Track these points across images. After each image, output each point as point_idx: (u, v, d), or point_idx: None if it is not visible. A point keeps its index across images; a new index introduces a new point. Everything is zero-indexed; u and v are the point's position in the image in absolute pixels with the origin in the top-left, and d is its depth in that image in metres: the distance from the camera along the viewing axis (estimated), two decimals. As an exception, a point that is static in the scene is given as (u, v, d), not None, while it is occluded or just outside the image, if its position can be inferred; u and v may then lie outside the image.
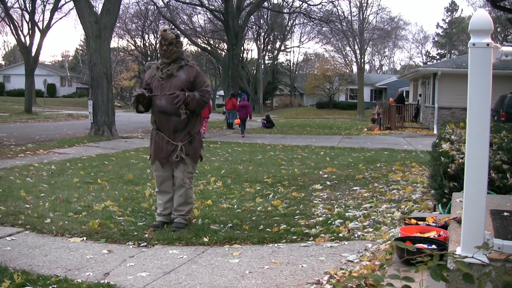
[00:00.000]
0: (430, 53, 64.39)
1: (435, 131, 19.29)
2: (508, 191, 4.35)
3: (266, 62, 55.60)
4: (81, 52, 60.14)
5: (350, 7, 50.31)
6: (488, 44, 2.41)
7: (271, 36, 52.43)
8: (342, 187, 7.34)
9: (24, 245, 4.37)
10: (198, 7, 37.49)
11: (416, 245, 3.00)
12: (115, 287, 3.40)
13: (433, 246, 3.00)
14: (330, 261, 3.93)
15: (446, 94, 20.37)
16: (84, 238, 4.61)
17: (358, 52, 37.46)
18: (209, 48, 41.66)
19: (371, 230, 4.79)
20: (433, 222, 3.69)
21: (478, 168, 2.43)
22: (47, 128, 20.29)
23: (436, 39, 63.61)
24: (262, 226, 5.01)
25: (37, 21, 32.90)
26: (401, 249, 3.00)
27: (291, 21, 48.51)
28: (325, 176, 8.28)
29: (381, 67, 72.96)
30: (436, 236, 3.27)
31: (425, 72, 23.00)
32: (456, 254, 2.29)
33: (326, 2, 32.09)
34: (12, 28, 30.97)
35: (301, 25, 47.74)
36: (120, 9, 21.13)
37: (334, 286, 3.26)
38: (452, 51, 56.56)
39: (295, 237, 4.64)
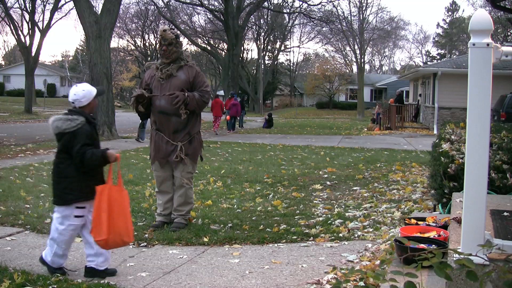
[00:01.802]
0: (430, 53, 64.38)
1: (435, 131, 19.28)
2: (508, 191, 4.35)
3: (266, 62, 55.56)
4: (81, 52, 60.10)
5: (350, 7, 50.35)
6: (488, 44, 2.41)
7: (271, 36, 52.39)
8: (342, 187, 7.34)
9: (24, 245, 4.37)
10: (198, 7, 37.48)
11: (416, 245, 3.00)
12: (115, 287, 3.41)
13: (433, 246, 3.00)
14: (330, 261, 3.93)
15: (446, 94, 20.36)
16: (84, 238, 4.60)
17: (358, 52, 37.40)
18: (209, 48, 41.63)
19: (371, 230, 4.79)
20: (433, 222, 3.69)
21: (478, 168, 2.43)
22: (47, 128, 20.16)
23: (436, 39, 63.57)
24: (262, 226, 5.01)
25: (37, 21, 32.87)
26: (401, 249, 3.00)
27: (291, 21, 48.48)
28: (325, 176, 8.28)
29: (381, 67, 72.94)
30: (436, 236, 3.27)
31: (425, 72, 22.99)
32: (460, 251, 2.29)
33: (326, 2, 32.06)
34: (12, 28, 30.94)
35: (301, 25, 47.70)
36: (120, 9, 21.14)
37: (334, 286, 3.26)
38: (453, 51, 56.54)
39: (295, 237, 4.64)
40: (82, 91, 3.74)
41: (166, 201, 5.00)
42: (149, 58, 49.97)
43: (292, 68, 59.88)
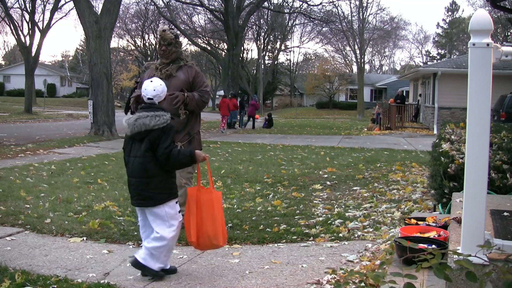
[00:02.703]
0: (430, 53, 64.40)
1: (435, 131, 19.28)
2: (508, 191, 4.35)
3: (266, 62, 55.54)
4: (81, 52, 60.15)
5: (350, 7, 50.32)
6: (488, 44, 2.41)
7: (271, 36, 52.38)
8: (342, 187, 7.34)
9: (24, 245, 4.37)
10: (198, 7, 37.49)
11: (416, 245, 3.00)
12: (115, 287, 3.40)
13: (433, 246, 3.00)
14: (330, 261, 3.93)
15: (446, 94, 20.37)
16: (84, 238, 4.61)
17: (358, 52, 37.44)
18: (209, 48, 41.64)
19: (371, 230, 4.79)
20: (433, 222, 3.69)
21: (478, 168, 2.43)
22: (47, 128, 20.30)
23: (436, 39, 63.59)
24: (262, 226, 5.01)
25: (37, 21, 32.92)
26: (402, 249, 3.00)
27: (291, 21, 48.49)
28: (325, 176, 8.28)
29: (381, 67, 72.95)
30: (436, 236, 3.27)
31: (425, 72, 23.00)
32: (460, 251, 2.30)
33: (326, 3, 32.07)
34: (12, 28, 30.97)
35: (301, 25, 47.75)
36: (120, 9, 21.16)
37: (334, 286, 3.26)
38: (453, 51, 56.54)
39: (295, 237, 4.64)
40: (160, 86, 3.61)
41: (166, 201, 4.99)
42: (149, 58, 49.97)
43: (292, 68, 59.88)
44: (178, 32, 5.61)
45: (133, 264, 3.55)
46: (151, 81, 3.65)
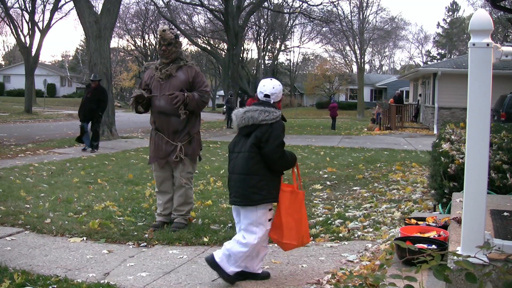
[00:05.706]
0: (431, 53, 64.38)
1: (435, 131, 19.28)
2: (508, 191, 4.35)
3: (266, 62, 55.54)
4: (81, 52, 60.14)
5: (351, 7, 50.32)
6: (488, 44, 2.41)
7: (271, 36, 52.35)
8: (342, 187, 7.34)
9: (24, 245, 4.37)
10: (198, 7, 37.48)
11: (416, 245, 3.00)
12: (115, 287, 3.40)
13: (433, 246, 3.00)
14: (330, 261, 3.93)
15: (446, 94, 20.37)
16: (84, 238, 4.61)
17: (358, 52, 37.43)
18: (209, 48, 41.62)
19: (371, 230, 4.79)
20: (433, 222, 3.69)
21: (478, 168, 2.43)
22: (47, 128, 20.29)
23: (436, 39, 63.58)
24: (262, 226, 5.00)
25: (37, 21, 32.88)
26: (401, 249, 3.00)
27: (291, 21, 48.48)
28: (325, 176, 8.28)
29: (381, 67, 72.92)
30: (436, 236, 3.27)
31: (425, 72, 23.00)
32: (459, 253, 2.29)
33: (327, 3, 32.04)
34: (12, 28, 30.93)
35: (301, 25, 47.75)
36: (120, 9, 21.16)
37: (334, 286, 3.26)
38: (453, 51, 56.53)
39: (295, 237, 4.63)
40: (279, 86, 3.53)
41: (166, 201, 4.99)
42: (149, 58, 49.99)
43: (292, 68, 59.88)
44: (178, 32, 5.61)
45: (208, 261, 3.39)
46: (271, 79, 3.57)
